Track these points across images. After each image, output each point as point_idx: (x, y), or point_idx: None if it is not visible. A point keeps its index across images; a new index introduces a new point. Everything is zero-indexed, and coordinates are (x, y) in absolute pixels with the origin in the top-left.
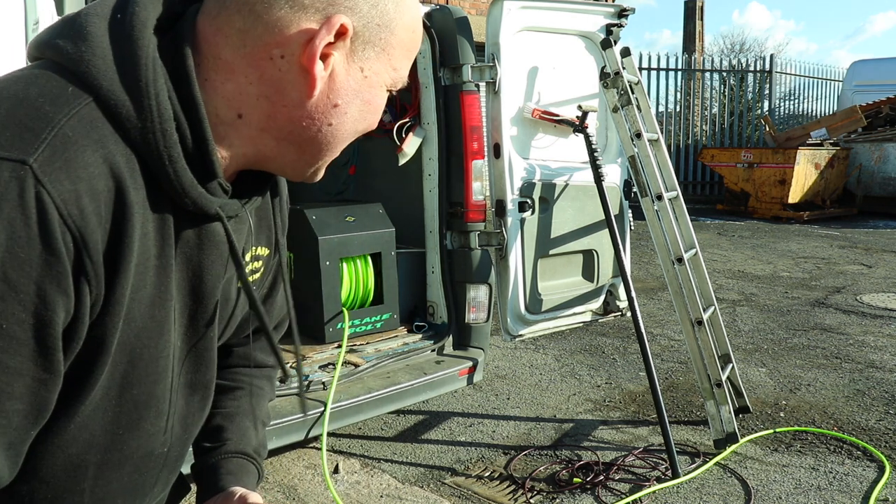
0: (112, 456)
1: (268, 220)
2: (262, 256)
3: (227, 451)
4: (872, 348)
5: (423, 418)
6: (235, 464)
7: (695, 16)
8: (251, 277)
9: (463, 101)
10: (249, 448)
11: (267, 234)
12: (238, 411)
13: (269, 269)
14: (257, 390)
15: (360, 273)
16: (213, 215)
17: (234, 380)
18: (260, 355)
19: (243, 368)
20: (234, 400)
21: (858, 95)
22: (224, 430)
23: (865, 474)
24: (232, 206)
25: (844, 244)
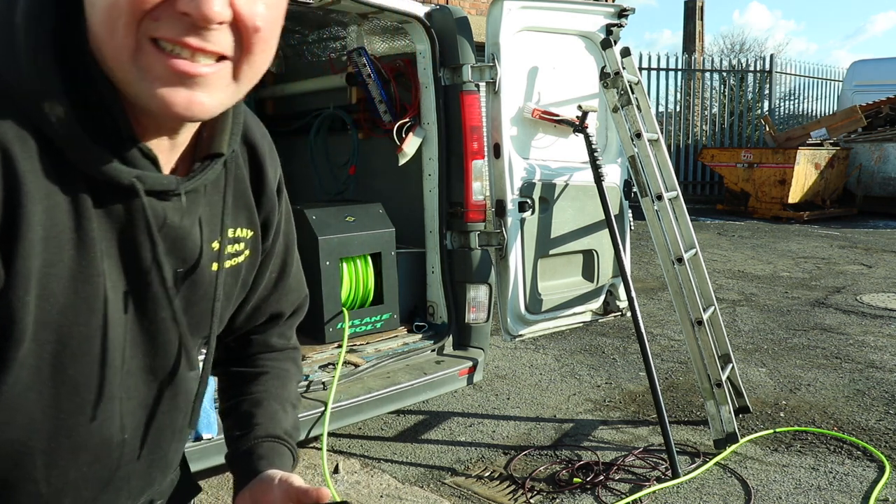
0: (60, 443)
1: (246, 200)
2: (244, 238)
3: (258, 436)
4: (872, 348)
5: (423, 418)
6: (267, 448)
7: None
8: (230, 262)
9: (463, 101)
10: (280, 430)
11: (247, 215)
12: (265, 396)
13: (260, 252)
14: (283, 373)
15: (360, 273)
16: (127, 186)
17: (257, 366)
18: (279, 340)
19: (265, 354)
20: (260, 385)
21: (858, 95)
22: (253, 416)
23: (865, 474)
24: (158, 179)
25: (844, 244)
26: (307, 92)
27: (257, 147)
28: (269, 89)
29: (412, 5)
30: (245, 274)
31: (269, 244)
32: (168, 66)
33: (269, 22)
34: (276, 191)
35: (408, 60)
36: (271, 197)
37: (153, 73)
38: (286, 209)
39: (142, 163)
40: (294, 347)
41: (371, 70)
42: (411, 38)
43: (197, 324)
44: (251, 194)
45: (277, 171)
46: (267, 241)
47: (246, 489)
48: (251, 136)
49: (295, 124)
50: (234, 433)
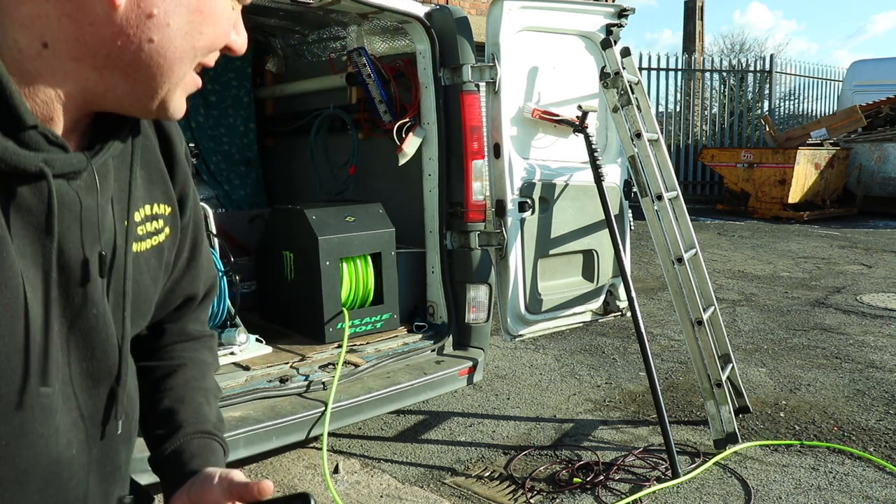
0: (4, 473)
1: (160, 174)
2: (163, 215)
3: (186, 434)
4: (872, 348)
5: (423, 418)
6: (198, 445)
7: (695, 16)
8: (151, 241)
9: (463, 101)
10: (209, 425)
11: (163, 190)
12: (186, 390)
13: (179, 230)
14: (200, 363)
15: (360, 273)
16: (35, 173)
17: (173, 358)
18: (194, 327)
19: (180, 344)
20: (179, 378)
21: (858, 95)
22: (176, 413)
23: (865, 474)
24: (68, 160)
25: (844, 244)
26: (307, 92)
27: (163, 122)
28: (269, 89)
29: (412, 5)
30: (168, 254)
31: (187, 220)
32: (194, 82)
33: None
34: (186, 161)
35: (408, 60)
36: (183, 169)
37: (184, 88)
38: (192, 182)
39: (48, 147)
40: (210, 335)
41: (371, 70)
42: (411, 38)
43: (135, 311)
44: (162, 163)
45: (183, 140)
46: (185, 216)
47: (182, 491)
48: None
49: (295, 124)
50: (157, 432)
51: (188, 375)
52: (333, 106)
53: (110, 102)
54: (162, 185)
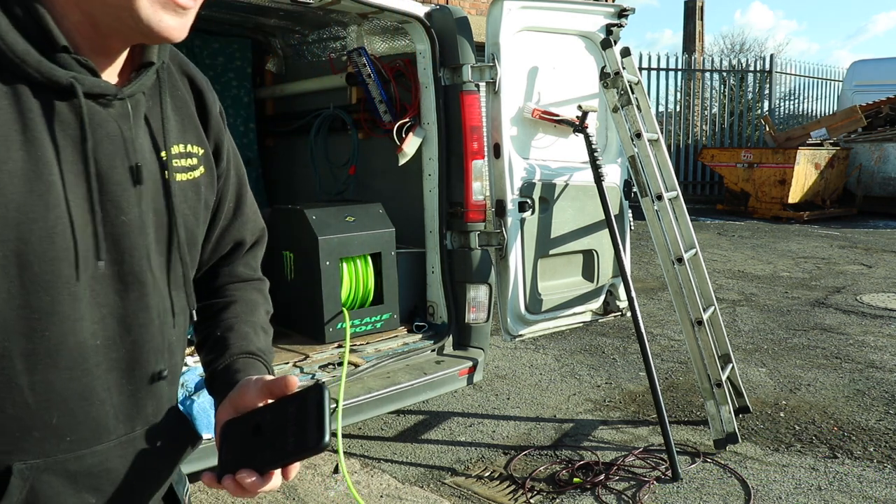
0: (37, 343)
1: (192, 119)
2: (196, 154)
3: (232, 354)
4: (872, 348)
5: (423, 418)
6: (242, 362)
7: (695, 16)
8: (185, 175)
9: (463, 101)
10: (253, 347)
11: (195, 133)
12: (235, 321)
13: (216, 174)
14: (249, 301)
15: (360, 273)
16: (67, 87)
17: (225, 296)
18: (245, 270)
19: (232, 285)
20: (230, 312)
21: (858, 95)
22: (225, 340)
23: (865, 474)
24: (96, 82)
25: (844, 244)
26: (307, 92)
27: (195, 77)
28: (269, 89)
29: (412, 5)
30: (206, 192)
31: (225, 168)
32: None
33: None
34: (221, 119)
35: (408, 60)
36: (217, 121)
37: (166, 4)
38: (233, 144)
39: (79, 69)
40: (260, 279)
41: (371, 70)
42: (411, 38)
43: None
44: (196, 114)
45: (218, 103)
46: (220, 163)
47: (226, 399)
48: (187, 68)
49: (295, 124)
50: (209, 358)
51: (238, 310)
52: (333, 106)
53: (106, 23)
54: (194, 129)
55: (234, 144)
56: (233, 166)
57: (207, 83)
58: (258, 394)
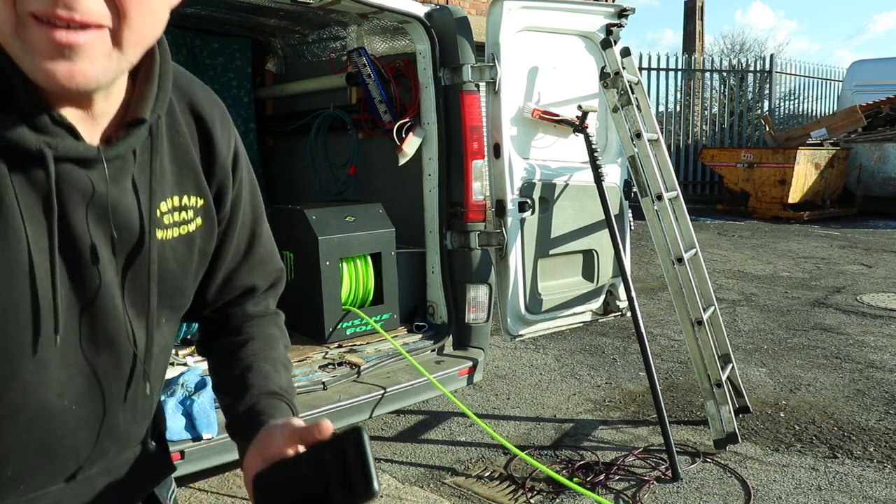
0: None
1: (192, 168)
2: (192, 206)
3: (253, 396)
4: (872, 348)
5: (423, 418)
6: (265, 404)
7: (695, 16)
8: (176, 231)
9: (463, 101)
10: (275, 387)
11: (194, 183)
12: (254, 360)
13: (216, 222)
14: (267, 336)
15: (360, 273)
16: (37, 153)
17: (241, 333)
18: (256, 308)
19: (247, 323)
20: (247, 350)
21: (858, 95)
22: (244, 380)
23: (865, 474)
24: (73, 145)
25: (844, 244)
26: (307, 92)
27: (205, 117)
28: (269, 89)
29: (412, 5)
30: (202, 243)
31: (227, 213)
32: (47, 37)
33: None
34: (231, 159)
35: (408, 60)
36: (223, 165)
37: (36, 46)
38: (249, 179)
39: (54, 130)
40: (275, 313)
41: (371, 70)
42: (411, 38)
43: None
44: (199, 162)
45: (231, 140)
46: (222, 210)
47: (251, 447)
48: (198, 106)
49: (295, 124)
50: (229, 401)
51: (255, 347)
52: (333, 106)
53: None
54: (193, 179)
55: (252, 178)
56: (244, 210)
57: (221, 120)
58: (287, 441)
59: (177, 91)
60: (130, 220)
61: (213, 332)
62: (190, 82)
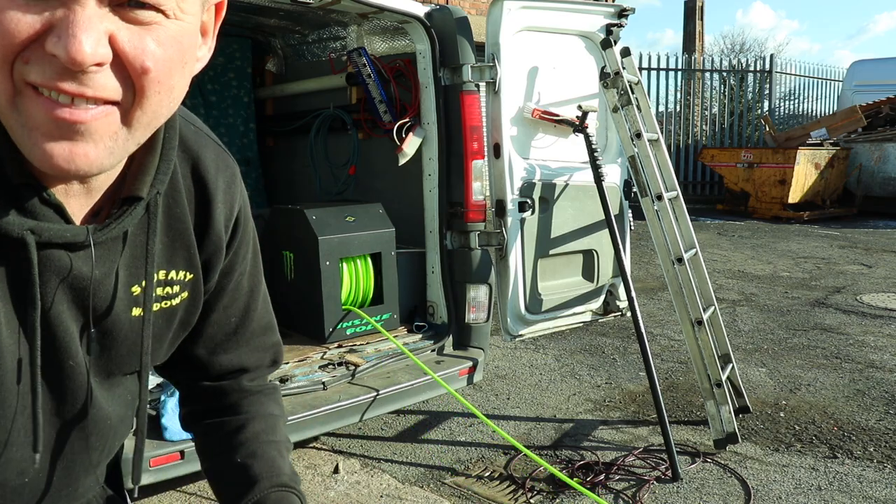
0: None
1: (185, 241)
2: (180, 281)
3: (263, 489)
4: (872, 348)
5: (423, 418)
6: (276, 498)
7: (695, 16)
8: (163, 304)
9: (463, 101)
10: (284, 478)
11: (185, 257)
12: (257, 444)
13: (202, 293)
14: (268, 417)
15: (360, 273)
16: (20, 241)
17: (239, 412)
18: (253, 384)
19: (245, 399)
20: (248, 433)
21: (858, 95)
22: (250, 468)
23: (865, 474)
24: (60, 230)
25: (844, 244)
26: (307, 92)
27: (208, 184)
28: (269, 89)
29: (412, 5)
30: (183, 314)
31: (213, 284)
32: (47, 112)
33: (162, 61)
34: (229, 229)
35: (408, 60)
36: (215, 238)
37: (32, 120)
38: (251, 248)
39: (41, 211)
40: (272, 387)
41: (371, 70)
42: (411, 38)
43: (117, 366)
44: (192, 235)
45: (235, 208)
46: (209, 280)
47: None
48: (203, 171)
49: (295, 124)
50: (232, 490)
51: (257, 429)
52: (333, 106)
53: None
54: (185, 252)
55: (252, 253)
56: (237, 281)
57: (227, 188)
58: None
59: (182, 152)
60: (107, 299)
61: (205, 407)
62: (199, 141)
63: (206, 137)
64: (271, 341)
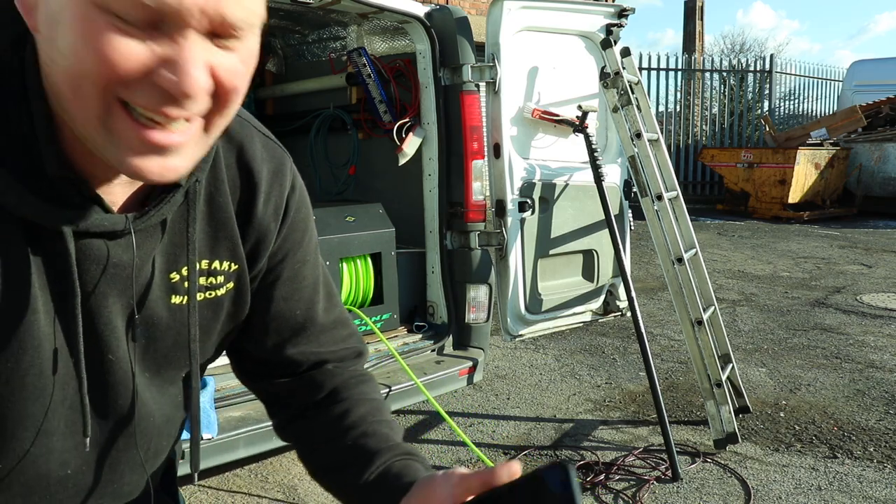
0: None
1: (228, 231)
2: (224, 272)
3: (384, 460)
4: (872, 348)
5: (423, 418)
6: (401, 465)
7: (695, 16)
8: (207, 294)
9: (463, 101)
10: (405, 447)
11: (229, 247)
12: (367, 425)
13: (249, 284)
14: (371, 401)
15: (360, 273)
16: (56, 232)
17: (337, 401)
18: (339, 374)
19: (339, 389)
20: (354, 417)
21: (858, 95)
22: (365, 446)
23: (865, 474)
24: (97, 219)
25: (844, 244)
26: (307, 92)
27: (253, 173)
28: (269, 89)
29: (412, 5)
30: (231, 306)
31: (261, 271)
32: (140, 136)
33: (246, 77)
34: (278, 218)
35: (408, 60)
36: (260, 227)
37: (124, 141)
38: (308, 240)
39: (78, 201)
40: (368, 376)
41: (371, 70)
42: (411, 38)
43: (165, 359)
44: (235, 225)
45: (284, 197)
46: (255, 269)
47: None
48: (248, 159)
49: (295, 124)
50: (350, 473)
51: (362, 412)
52: (333, 106)
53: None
54: (228, 242)
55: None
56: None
57: (274, 176)
58: (459, 489)
59: (227, 141)
60: (153, 284)
61: (297, 407)
62: (243, 131)
63: (251, 128)
64: (344, 334)
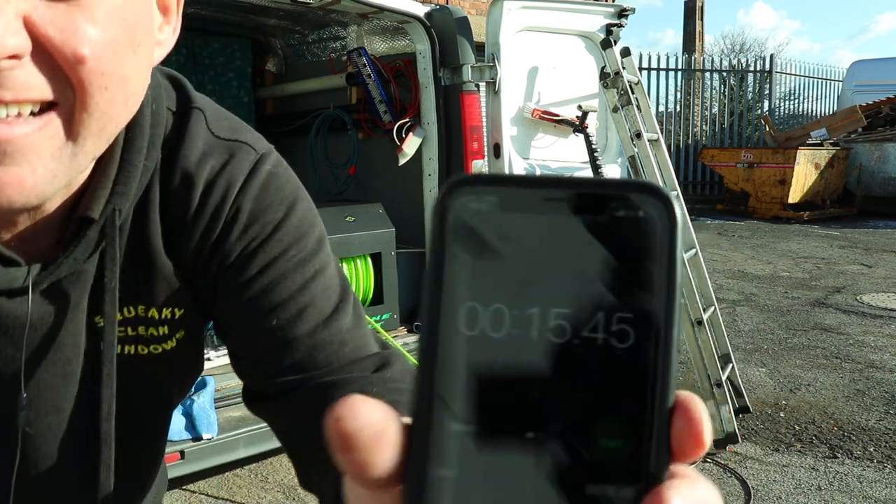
0: None
1: (162, 270)
2: (166, 319)
3: None
4: (872, 348)
5: None
6: None
7: (695, 16)
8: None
9: (463, 101)
10: None
11: (166, 289)
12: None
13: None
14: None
15: (360, 273)
16: None
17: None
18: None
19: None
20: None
21: (858, 95)
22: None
23: (865, 474)
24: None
25: (844, 244)
26: (307, 92)
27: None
28: (269, 89)
29: (412, 5)
30: (182, 359)
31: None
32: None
33: (102, 45)
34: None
35: (408, 60)
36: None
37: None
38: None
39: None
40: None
41: (371, 70)
42: (411, 38)
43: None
44: (169, 265)
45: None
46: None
47: None
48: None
49: (295, 124)
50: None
51: (394, 373)
52: (333, 106)
53: None
54: (164, 283)
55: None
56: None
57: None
58: None
59: (166, 151)
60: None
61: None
62: (191, 131)
63: (200, 124)
64: (365, 346)
